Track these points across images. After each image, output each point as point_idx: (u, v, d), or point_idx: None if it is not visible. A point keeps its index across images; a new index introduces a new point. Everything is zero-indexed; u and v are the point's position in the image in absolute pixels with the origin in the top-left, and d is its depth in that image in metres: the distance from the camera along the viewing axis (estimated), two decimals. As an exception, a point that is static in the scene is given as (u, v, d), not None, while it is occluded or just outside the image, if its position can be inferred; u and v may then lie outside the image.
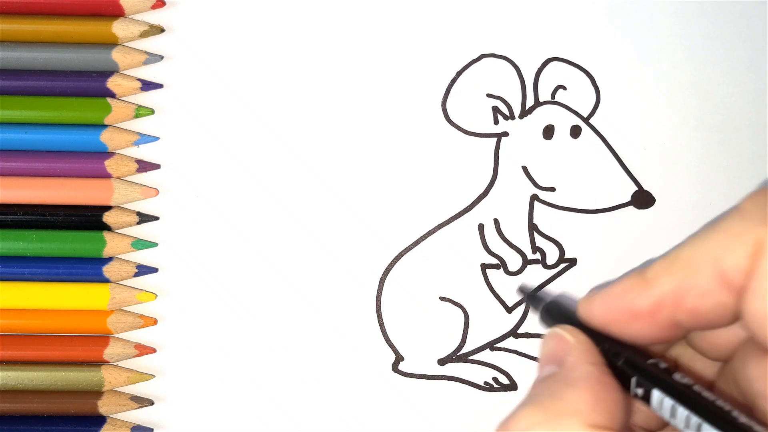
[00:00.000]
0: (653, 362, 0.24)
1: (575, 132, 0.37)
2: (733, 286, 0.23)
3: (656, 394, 0.23)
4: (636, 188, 0.37)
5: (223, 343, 0.37)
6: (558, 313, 0.28)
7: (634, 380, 0.24)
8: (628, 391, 0.24)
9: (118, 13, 0.36)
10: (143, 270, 0.36)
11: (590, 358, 0.25)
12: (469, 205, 0.37)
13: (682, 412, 0.22)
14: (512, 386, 0.37)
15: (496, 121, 0.37)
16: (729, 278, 0.23)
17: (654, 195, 0.37)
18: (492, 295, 0.37)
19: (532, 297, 0.32)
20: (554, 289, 0.37)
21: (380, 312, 0.37)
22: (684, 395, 0.23)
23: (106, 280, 0.36)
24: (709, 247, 0.23)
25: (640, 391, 0.24)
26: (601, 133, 0.37)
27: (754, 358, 0.24)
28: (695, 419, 0.22)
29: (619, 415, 0.23)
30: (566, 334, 0.26)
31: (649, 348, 0.26)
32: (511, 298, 0.37)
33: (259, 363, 0.37)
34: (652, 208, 0.37)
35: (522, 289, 0.36)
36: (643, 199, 0.37)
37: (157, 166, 0.36)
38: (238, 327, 0.37)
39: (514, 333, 0.37)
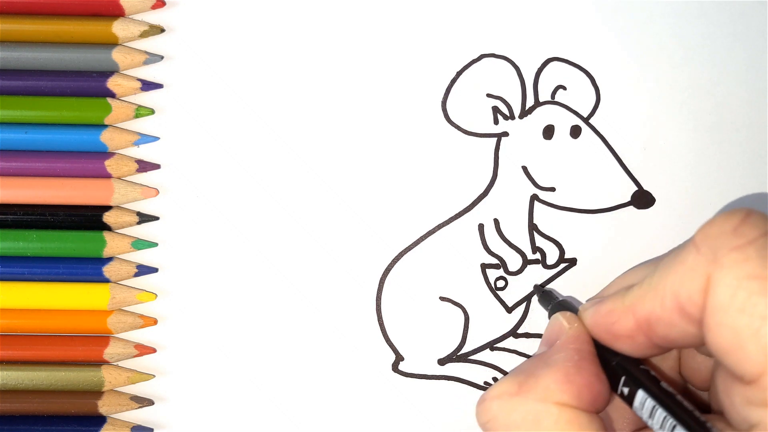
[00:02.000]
0: (644, 368, 0.26)
1: (575, 132, 0.37)
2: (693, 318, 0.24)
3: (640, 395, 0.25)
4: (636, 188, 0.37)
5: (223, 343, 0.37)
6: (564, 308, 0.30)
7: (623, 379, 0.26)
8: (614, 388, 0.27)
9: (118, 13, 0.36)
10: (143, 270, 0.36)
11: (577, 345, 0.27)
12: (469, 205, 0.37)
13: (660, 413, 0.25)
14: (512, 386, 0.37)
15: (496, 121, 0.37)
16: (688, 311, 0.24)
17: (654, 195, 0.37)
18: (492, 295, 0.37)
19: (545, 294, 0.35)
20: (560, 290, 0.37)
21: (380, 312, 0.37)
22: (664, 400, 0.25)
23: (107, 280, 0.36)
24: (670, 280, 0.24)
25: (626, 390, 0.26)
26: (601, 133, 0.37)
27: (721, 375, 0.25)
28: (671, 421, 0.24)
29: (589, 399, 0.25)
30: (564, 320, 0.28)
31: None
32: (511, 298, 0.37)
33: (259, 363, 0.37)
34: (652, 208, 0.37)
35: (537, 288, 0.36)
36: (643, 199, 0.37)
37: (157, 166, 0.36)
38: (238, 327, 0.37)
39: (514, 333, 0.37)
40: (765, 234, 0.23)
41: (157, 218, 0.36)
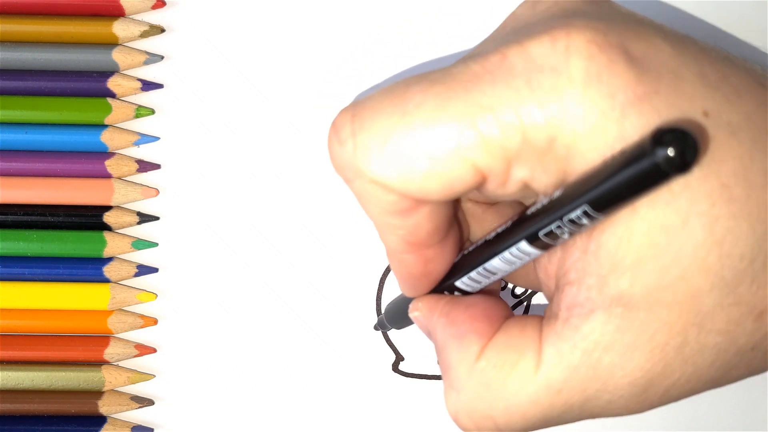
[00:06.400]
0: (465, 252, 0.26)
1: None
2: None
3: (490, 263, 0.24)
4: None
5: (222, 343, 0.37)
6: (398, 308, 0.30)
7: (460, 283, 0.26)
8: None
9: (118, 13, 0.36)
10: (143, 270, 0.36)
11: (435, 310, 0.25)
12: (469, 205, 0.37)
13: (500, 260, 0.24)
14: (512, 386, 0.37)
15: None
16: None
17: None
18: (492, 295, 0.37)
19: (381, 323, 0.34)
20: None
21: (380, 312, 0.37)
22: (488, 251, 0.24)
23: (107, 280, 0.36)
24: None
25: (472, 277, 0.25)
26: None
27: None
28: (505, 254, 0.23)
29: (485, 322, 0.24)
30: (413, 312, 0.26)
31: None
32: (511, 298, 0.37)
33: (258, 363, 0.37)
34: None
35: (378, 326, 0.36)
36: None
37: (157, 166, 0.36)
38: (238, 327, 0.37)
39: (514, 333, 0.37)
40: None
41: (157, 218, 0.36)
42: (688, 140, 0.17)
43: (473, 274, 0.25)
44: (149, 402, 0.36)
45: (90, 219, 0.36)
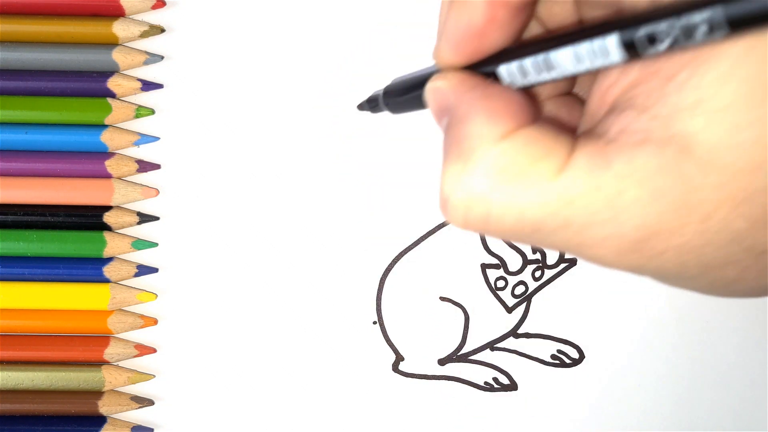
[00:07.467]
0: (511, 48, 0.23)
1: (575, 132, 0.37)
2: None
3: (548, 56, 0.21)
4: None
5: (222, 343, 0.37)
6: (411, 84, 0.26)
7: (504, 69, 0.22)
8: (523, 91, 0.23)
9: (118, 13, 0.36)
10: (143, 270, 0.36)
11: (466, 85, 0.23)
12: (469, 205, 0.37)
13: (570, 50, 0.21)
14: (512, 386, 0.37)
15: (496, 121, 0.37)
16: None
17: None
18: (492, 295, 0.37)
19: (372, 101, 0.30)
20: (559, 290, 0.37)
21: (380, 312, 0.37)
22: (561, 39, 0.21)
23: (107, 280, 0.36)
24: None
25: (532, 67, 0.22)
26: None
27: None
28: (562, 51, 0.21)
29: (520, 110, 0.22)
30: (436, 82, 0.24)
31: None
32: (511, 298, 0.37)
33: (258, 363, 0.37)
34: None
35: (366, 102, 0.31)
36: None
37: (157, 166, 0.36)
38: (238, 327, 0.37)
39: (514, 333, 0.37)
40: None
41: (157, 218, 0.36)
42: None
43: (529, 60, 0.21)
44: (149, 402, 0.36)
45: (90, 219, 0.36)
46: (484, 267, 0.37)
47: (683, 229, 0.19)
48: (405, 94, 0.27)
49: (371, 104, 0.30)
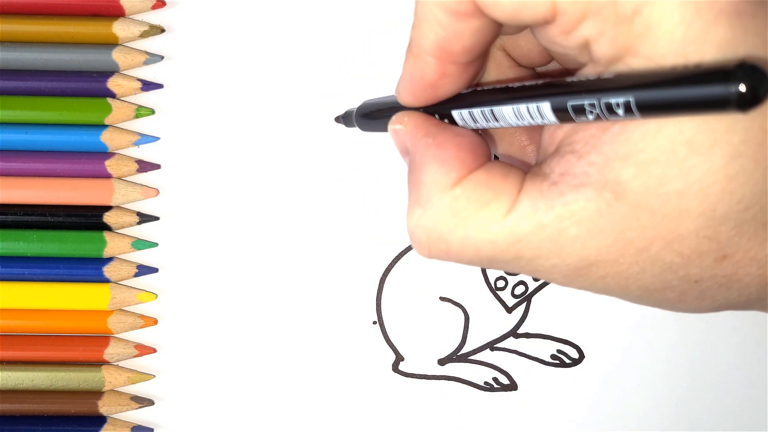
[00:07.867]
0: (480, 89, 0.25)
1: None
2: None
3: (500, 110, 0.24)
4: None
5: (222, 343, 0.37)
6: (378, 110, 0.28)
7: (457, 114, 0.25)
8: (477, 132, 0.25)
9: (118, 13, 0.36)
10: (143, 270, 0.36)
11: (422, 131, 0.25)
12: (469, 205, 0.37)
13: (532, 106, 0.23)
14: (512, 386, 0.37)
15: (496, 121, 0.37)
16: None
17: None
18: (492, 295, 0.37)
19: (346, 117, 0.32)
20: (559, 290, 0.37)
21: (380, 312, 0.37)
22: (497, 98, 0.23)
23: (107, 280, 0.36)
24: None
25: (480, 115, 0.24)
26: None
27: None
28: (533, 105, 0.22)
29: (470, 155, 0.24)
30: (395, 125, 0.26)
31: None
32: (511, 298, 0.37)
33: (258, 363, 0.37)
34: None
35: (339, 118, 0.33)
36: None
37: (157, 166, 0.36)
38: (238, 327, 0.37)
39: (514, 333, 0.37)
40: None
41: (157, 218, 0.36)
42: (765, 82, 0.17)
43: (477, 110, 0.24)
44: (149, 402, 0.36)
45: (90, 219, 0.36)
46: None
47: (619, 260, 0.22)
48: (373, 119, 0.29)
49: (346, 119, 0.32)
